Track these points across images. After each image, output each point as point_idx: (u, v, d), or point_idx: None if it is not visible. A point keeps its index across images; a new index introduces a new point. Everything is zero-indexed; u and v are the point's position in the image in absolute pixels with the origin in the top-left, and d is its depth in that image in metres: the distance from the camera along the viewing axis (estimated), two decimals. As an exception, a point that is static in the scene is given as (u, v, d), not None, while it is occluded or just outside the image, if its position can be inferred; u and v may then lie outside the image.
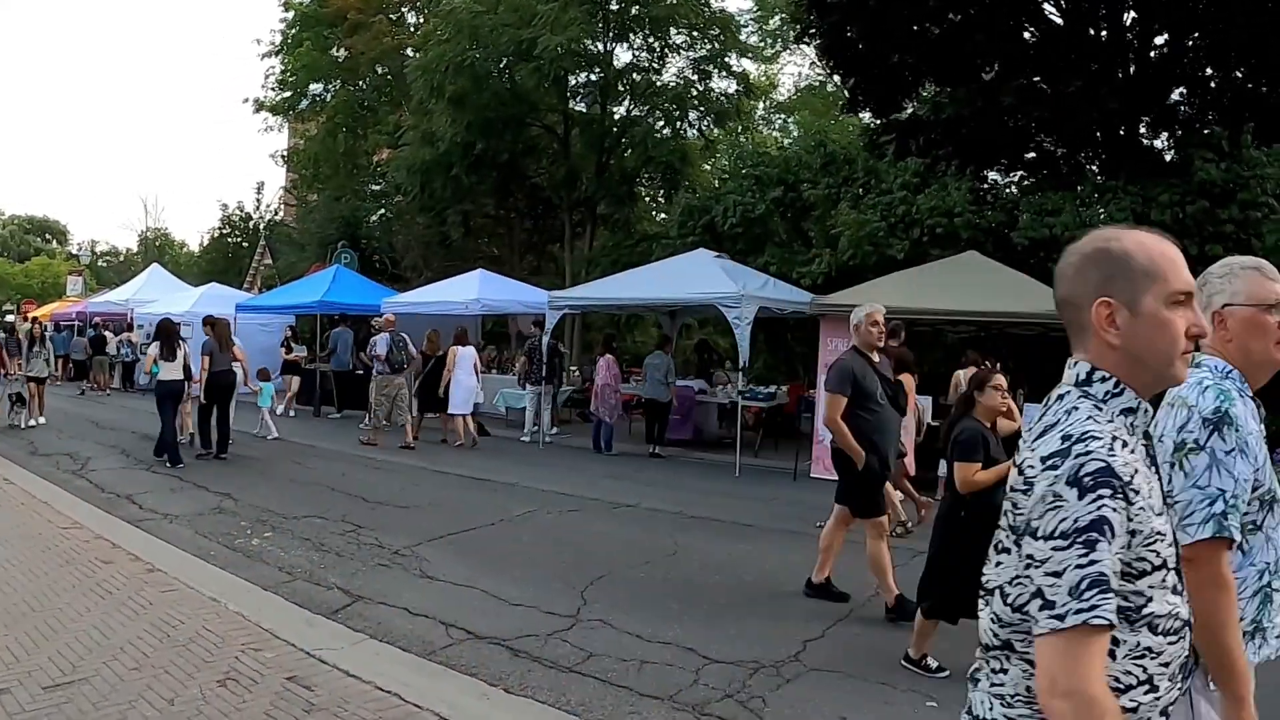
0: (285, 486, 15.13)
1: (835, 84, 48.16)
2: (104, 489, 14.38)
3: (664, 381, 20.22)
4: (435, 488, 15.57)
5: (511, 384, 24.52)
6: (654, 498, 14.93)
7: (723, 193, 25.96)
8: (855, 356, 9.01)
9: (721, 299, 18.19)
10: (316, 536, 11.61)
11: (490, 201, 35.52)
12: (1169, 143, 25.83)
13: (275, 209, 57.10)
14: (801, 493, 14.93)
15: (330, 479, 15.83)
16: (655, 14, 30.19)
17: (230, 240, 55.40)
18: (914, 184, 22.70)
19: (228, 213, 56.05)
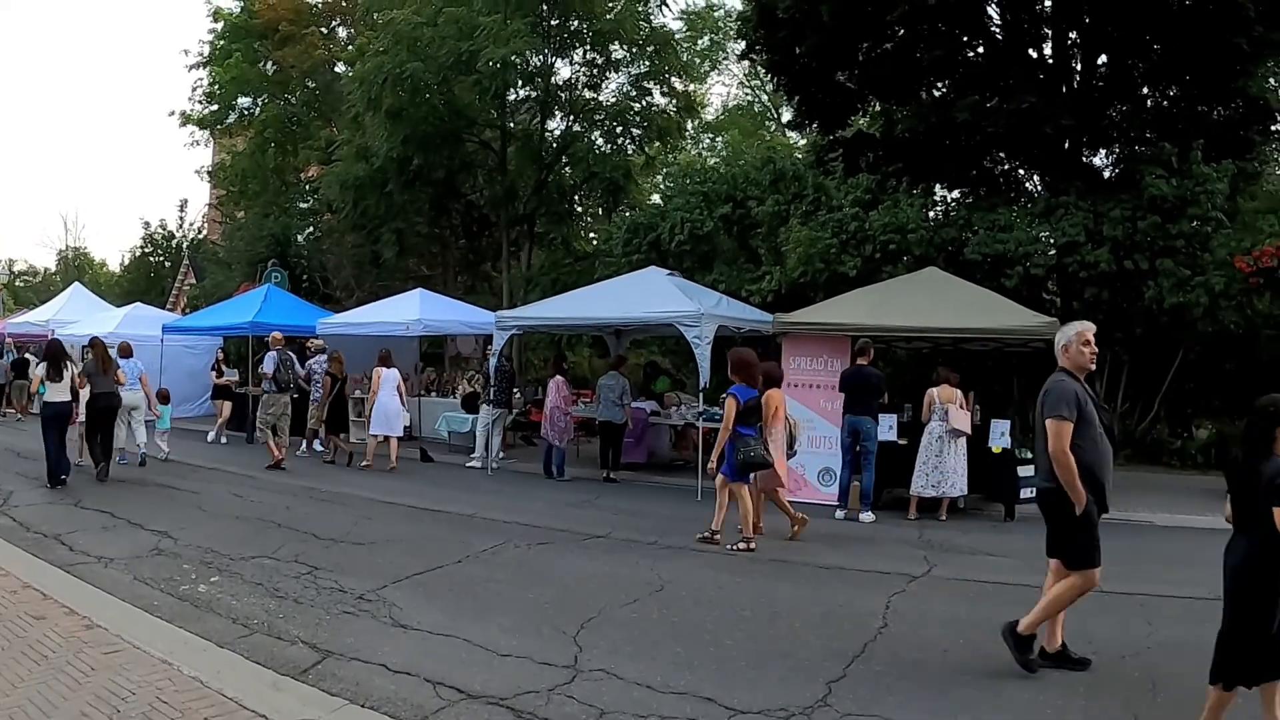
0: (228, 523, 13.84)
1: (763, 103, 48.17)
2: (29, 527, 13.03)
3: (619, 403, 19.27)
4: (390, 521, 14.41)
5: (453, 407, 23.40)
6: (624, 527, 14.11)
7: (669, 209, 25.08)
8: (1071, 379, 7.88)
9: (680, 318, 17.48)
10: (269, 580, 10.44)
11: (424, 219, 34.21)
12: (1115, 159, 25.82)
13: (199, 227, 55.41)
14: (769, 517, 13.94)
15: (275, 513, 14.58)
16: (597, 28, 29.11)
17: (153, 259, 53.58)
18: (865, 200, 22.22)
19: (150, 231, 54.38)
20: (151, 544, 12.19)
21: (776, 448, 13.02)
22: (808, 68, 25.92)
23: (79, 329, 30.40)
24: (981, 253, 21.04)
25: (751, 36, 26.84)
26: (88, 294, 38.00)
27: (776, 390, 13.41)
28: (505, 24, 26.75)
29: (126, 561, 11.21)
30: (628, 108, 29.73)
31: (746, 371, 12.83)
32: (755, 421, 12.77)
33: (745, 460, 12.48)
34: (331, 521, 13.99)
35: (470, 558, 11.90)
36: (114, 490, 16.12)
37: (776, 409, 13.18)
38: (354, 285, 33.99)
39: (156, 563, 11.23)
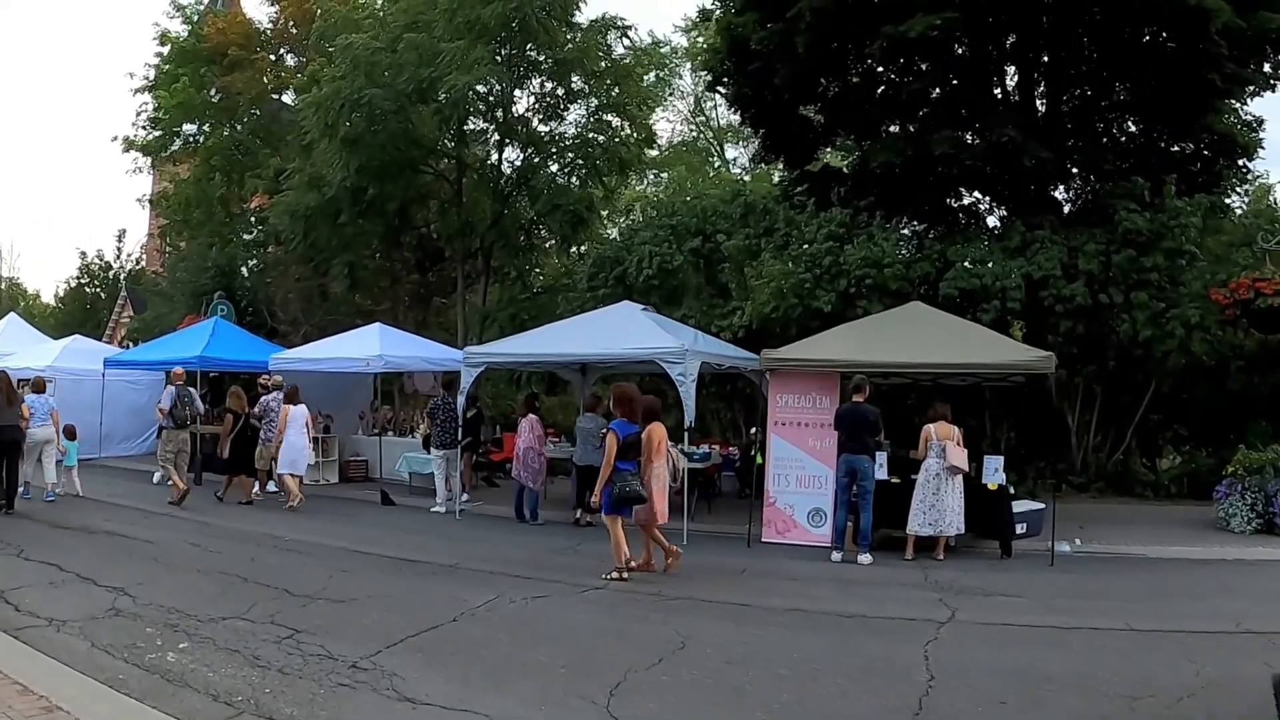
0: (189, 577, 12.47)
1: (707, 140, 47.39)
2: None
3: (598, 445, 17.81)
4: (367, 573, 13.14)
5: (414, 447, 22.10)
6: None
7: (635, 243, 23.97)
8: None
9: (663, 354, 16.64)
10: (247, 646, 9.16)
11: (374, 252, 32.84)
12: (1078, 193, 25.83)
13: (138, 258, 53.67)
14: (765, 560, 14.03)
15: (239, 565, 13.17)
16: (559, 57, 28.10)
17: (89, 290, 51.74)
18: (839, 235, 21.59)
19: (87, 261, 52.52)
20: (107, 603, 10.80)
21: (658, 481, 13.06)
22: (777, 101, 25.29)
23: (15, 361, 28.60)
24: (958, 287, 20.64)
25: (719, 69, 25.92)
26: (24, 325, 36.05)
27: (658, 425, 13.26)
28: (468, 51, 25.51)
29: (81, 624, 9.84)
30: (590, 140, 28.36)
31: (628, 406, 13.01)
32: (634, 457, 12.85)
33: (621, 494, 12.63)
34: (304, 575, 12.70)
35: (465, 615, 10.77)
36: (58, 539, 14.77)
37: (659, 443, 13.09)
38: (301, 320, 32.47)
39: (116, 626, 9.89)
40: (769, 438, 16.58)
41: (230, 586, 11.85)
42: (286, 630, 9.79)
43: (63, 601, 10.74)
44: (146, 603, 10.78)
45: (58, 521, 16.51)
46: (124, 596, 11.04)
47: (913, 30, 21.07)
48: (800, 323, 20.80)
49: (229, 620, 10.13)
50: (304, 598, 11.31)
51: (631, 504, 12.75)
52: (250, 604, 10.85)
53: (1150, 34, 22.41)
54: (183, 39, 37.93)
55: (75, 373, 26.79)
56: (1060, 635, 9.18)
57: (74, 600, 10.86)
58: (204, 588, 11.77)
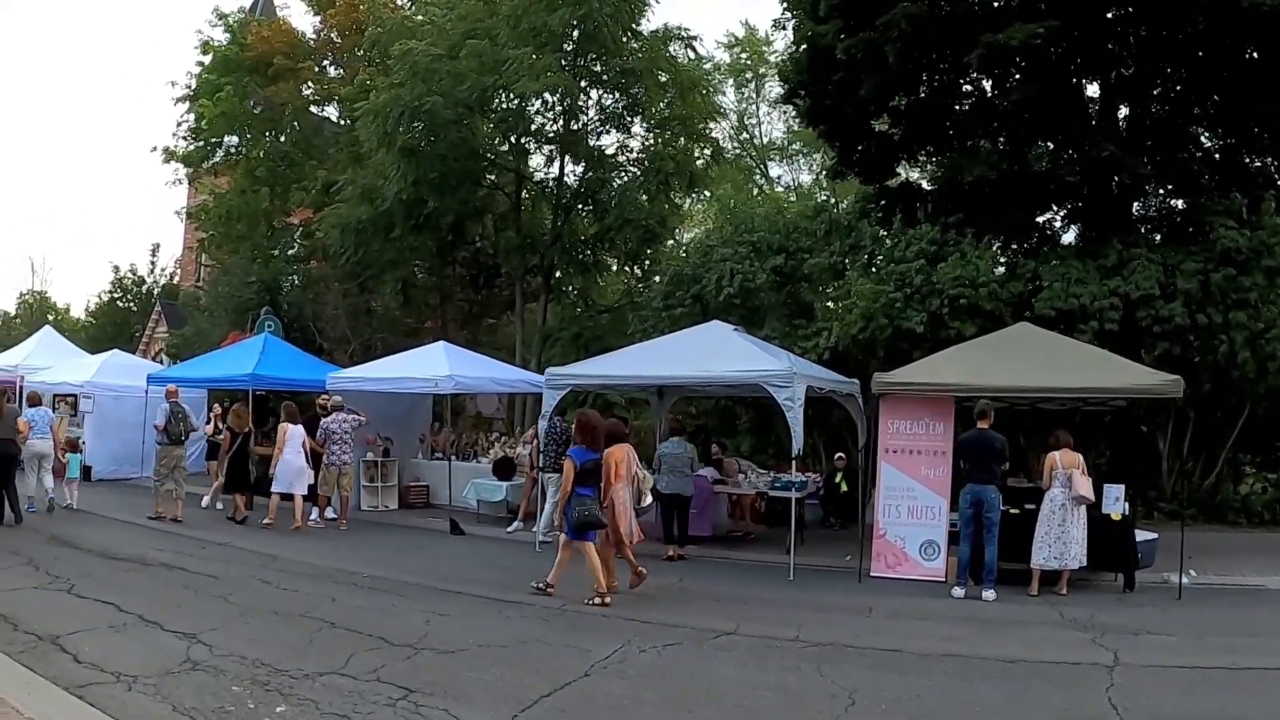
0: (267, 621, 11.03)
1: (751, 158, 46.10)
2: (15, 624, 10.14)
3: (687, 472, 16.90)
4: (466, 618, 11.69)
5: (482, 472, 20.57)
6: (744, 619, 11.79)
7: (714, 260, 22.49)
8: None
9: (770, 378, 15.30)
10: (357, 711, 7.79)
11: (426, 267, 31.36)
12: (1158, 208, 24.68)
13: (172, 272, 52.49)
14: (883, 597, 13.21)
15: (321, 607, 11.72)
16: (626, 67, 26.77)
17: (121, 305, 50.53)
18: (930, 252, 20.45)
19: (120, 275, 51.32)
20: (180, 653, 9.36)
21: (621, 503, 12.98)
22: (860, 113, 24.05)
23: (51, 375, 27.58)
24: (1054, 307, 19.59)
25: (796, 80, 24.42)
26: (58, 338, 34.65)
27: (619, 447, 13.18)
28: (535, 58, 24.07)
29: (155, 681, 8.41)
30: (663, 153, 26.83)
31: (590, 435, 13.06)
32: (594, 482, 12.85)
33: (580, 519, 12.62)
34: (397, 619, 11.28)
35: (597, 668, 9.42)
36: (111, 572, 13.41)
37: (617, 465, 13.00)
38: (349, 337, 30.99)
39: (196, 683, 8.46)
40: (879, 466, 15.43)
41: (318, 633, 10.42)
42: (399, 690, 8.41)
43: (129, 651, 9.35)
44: (225, 653, 9.37)
45: (108, 551, 15.16)
46: (198, 645, 9.63)
47: (1014, 38, 19.84)
48: (889, 344, 19.86)
49: (327, 676, 8.74)
50: (406, 647, 9.89)
51: (590, 528, 12.70)
52: (347, 655, 9.45)
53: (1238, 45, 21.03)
54: (225, 47, 36.75)
55: (114, 389, 25.49)
56: (1235, 677, 8.78)
57: (141, 649, 9.48)
58: (287, 635, 10.36)
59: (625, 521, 13.03)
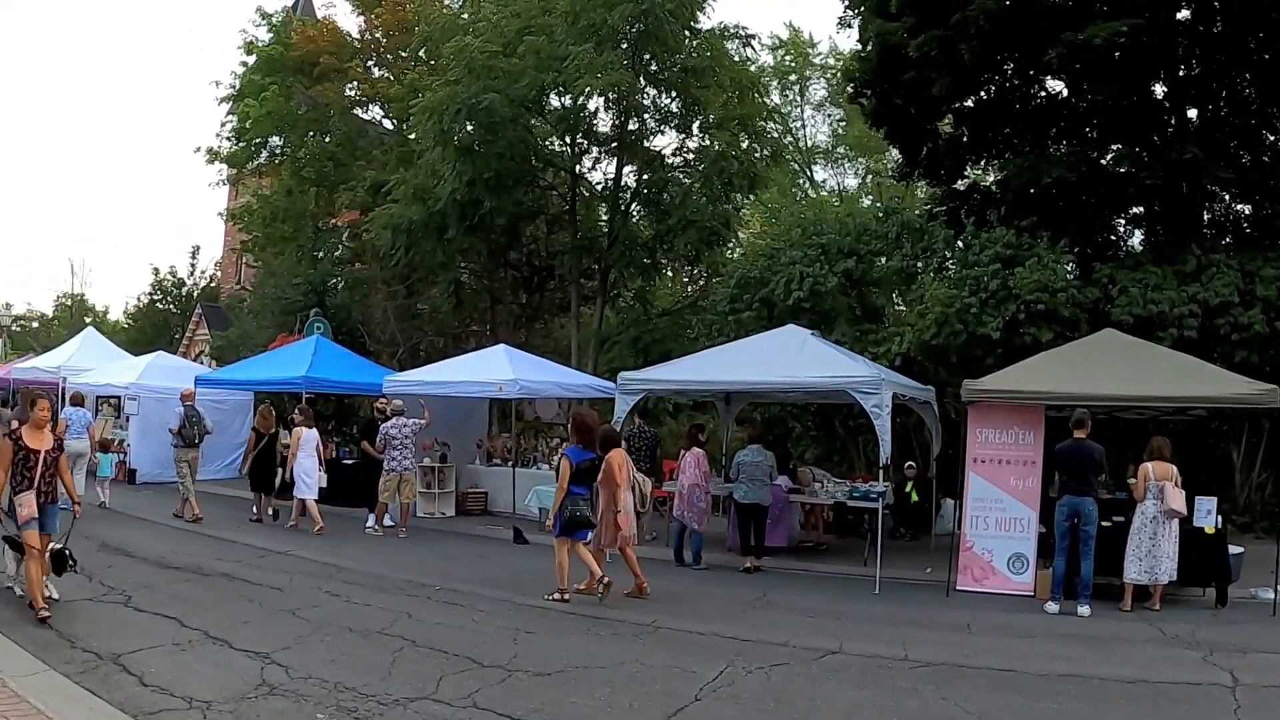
0: (343, 639, 10.31)
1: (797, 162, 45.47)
2: (73, 641, 9.49)
3: (766, 481, 16.30)
4: (555, 636, 10.99)
5: (545, 479, 19.90)
6: (838, 634, 11.34)
7: (781, 263, 21.79)
8: None
9: (857, 384, 14.97)
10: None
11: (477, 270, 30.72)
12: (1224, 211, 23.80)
13: (212, 275, 52.11)
14: (977, 612, 12.80)
15: (398, 623, 11.06)
16: (687, 65, 26.13)
17: (161, 307, 50.16)
18: (1005, 256, 19.69)
19: (159, 278, 50.95)
20: (255, 674, 8.71)
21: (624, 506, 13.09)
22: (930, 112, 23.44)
23: (95, 377, 27.21)
24: (1132, 313, 18.95)
25: (862, 79, 23.72)
26: (101, 340, 34.36)
27: (617, 451, 13.26)
28: (596, 55, 23.55)
29: (232, 707, 7.79)
30: (726, 153, 26.15)
31: (586, 435, 13.31)
32: (588, 482, 13.11)
33: (570, 518, 12.86)
34: (481, 637, 10.64)
35: (707, 692, 8.78)
36: (169, 582, 12.78)
37: (619, 468, 13.05)
38: (399, 340, 30.39)
39: (275, 710, 7.84)
40: (967, 476, 14.85)
41: (400, 653, 9.74)
42: (498, 718, 7.81)
43: (198, 672, 8.71)
44: (303, 675, 8.73)
45: (164, 559, 14.58)
46: (272, 666, 9.00)
47: (1097, 36, 19.09)
48: (963, 350, 19.27)
49: (419, 702, 8.12)
50: (497, 669, 9.24)
51: (580, 528, 12.97)
52: (436, 677, 8.83)
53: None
54: (269, 46, 36.31)
55: (159, 391, 24.81)
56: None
57: (211, 670, 8.84)
58: (368, 654, 9.70)
59: (628, 524, 13.17)
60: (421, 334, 31.36)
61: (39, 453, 10.50)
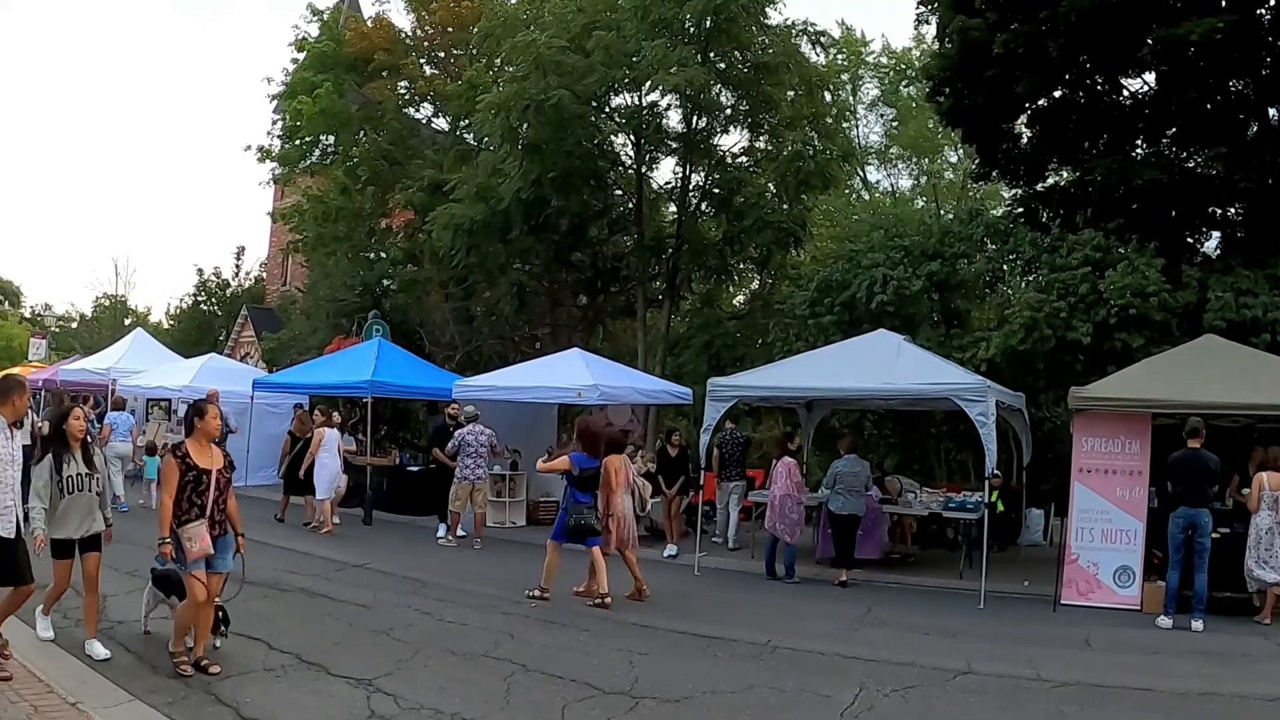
0: (447, 663, 9.89)
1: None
2: (154, 665, 9.10)
3: (862, 492, 16.11)
4: (669, 657, 10.63)
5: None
6: (961, 653, 11.08)
7: (863, 265, 21.37)
8: None
9: (961, 390, 14.71)
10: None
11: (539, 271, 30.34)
12: None
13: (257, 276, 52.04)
14: (1092, 627, 12.57)
15: (501, 645, 10.63)
16: (761, 60, 25.72)
17: (205, 309, 50.06)
18: (1095, 259, 19.21)
19: (204, 279, 50.91)
20: (360, 705, 8.34)
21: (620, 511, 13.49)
22: (1007, 113, 22.91)
23: (146, 380, 27.01)
24: (1225, 318, 18.26)
25: (940, 77, 23.27)
26: (150, 341, 34.21)
27: (615, 456, 13.69)
28: (669, 51, 23.28)
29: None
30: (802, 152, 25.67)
31: (590, 440, 13.68)
32: (593, 489, 13.41)
33: (575, 525, 13.23)
34: (593, 659, 10.26)
35: (847, 717, 8.58)
36: (246, 599, 11.85)
37: (616, 472, 13.51)
38: (458, 344, 30.07)
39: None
40: (1072, 486, 14.67)
41: (512, 678, 9.36)
42: None
43: (299, 703, 8.37)
44: (414, 704, 8.39)
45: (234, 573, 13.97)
46: (379, 695, 8.62)
47: (1193, 32, 18.55)
48: (1051, 356, 18.85)
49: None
50: (621, 696, 8.94)
51: (584, 534, 13.25)
52: (558, 706, 8.53)
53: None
54: (320, 43, 36.08)
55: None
56: None
57: (313, 700, 8.46)
58: (478, 680, 9.32)
59: (626, 527, 13.57)
60: (481, 337, 30.92)
61: (210, 473, 8.97)
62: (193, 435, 9.12)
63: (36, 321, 75.35)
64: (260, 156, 38.20)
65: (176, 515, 8.77)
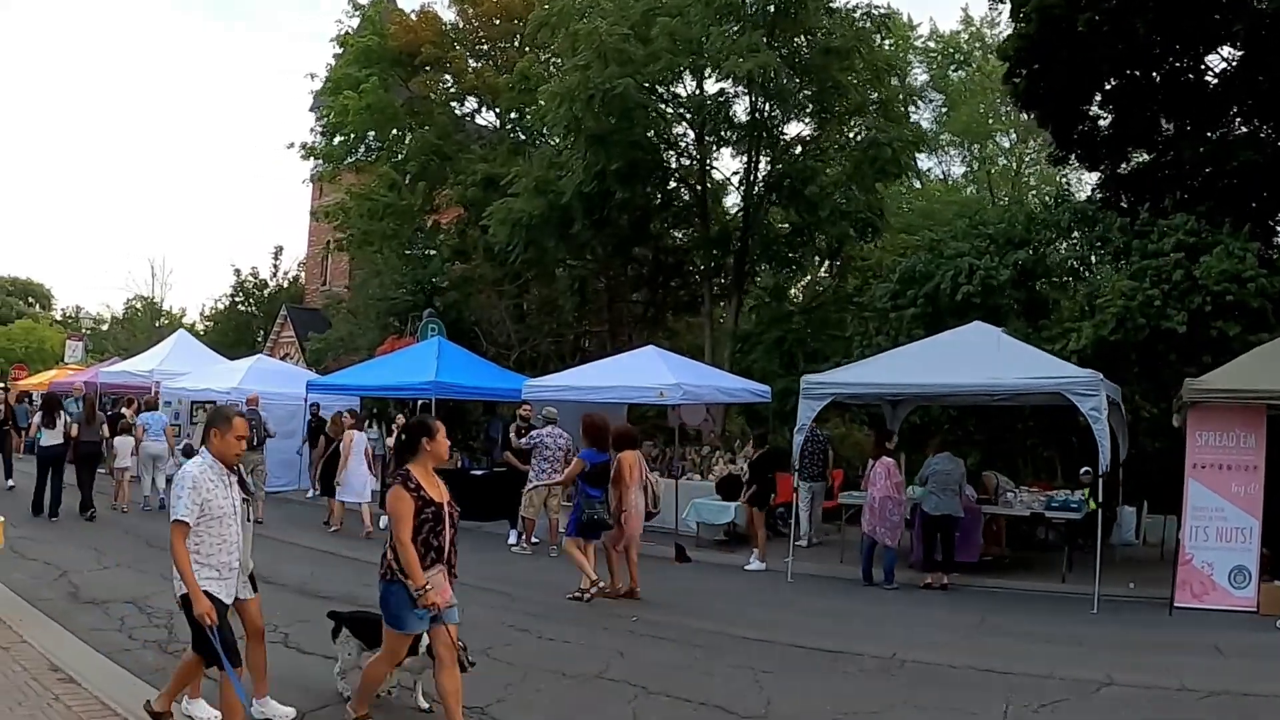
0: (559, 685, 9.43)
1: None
2: None
3: (956, 491, 15.64)
4: (791, 674, 10.15)
5: (702, 490, 19.16)
6: (1093, 662, 10.69)
7: (947, 255, 20.97)
8: None
9: (1073, 385, 14.40)
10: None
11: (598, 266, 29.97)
12: None
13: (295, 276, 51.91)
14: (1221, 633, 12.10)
15: (613, 665, 10.12)
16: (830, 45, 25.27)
17: (243, 310, 49.99)
18: (1188, 244, 18.64)
19: (241, 279, 50.76)
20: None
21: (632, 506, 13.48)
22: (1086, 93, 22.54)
23: (191, 382, 26.77)
24: None
25: (1016, 57, 22.78)
26: (193, 342, 34.12)
27: (629, 452, 13.73)
28: (738, 37, 22.90)
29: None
30: (879, 139, 25.21)
31: (596, 434, 13.79)
32: (603, 484, 13.59)
33: (587, 520, 13.46)
34: (718, 680, 9.76)
35: None
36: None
37: (630, 470, 13.53)
38: (515, 342, 29.75)
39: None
40: (1186, 483, 14.15)
41: (635, 702, 8.89)
42: None
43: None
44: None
45: (308, 587, 13.69)
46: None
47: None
48: (1144, 347, 18.24)
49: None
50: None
51: (598, 529, 13.54)
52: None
53: None
54: (364, 37, 35.77)
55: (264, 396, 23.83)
56: None
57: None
58: (600, 705, 8.88)
59: (636, 525, 13.63)
60: (539, 335, 30.59)
61: (442, 506, 7.33)
62: (417, 459, 7.42)
63: (68, 324, 75.74)
64: (304, 154, 38.12)
65: None
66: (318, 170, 39.60)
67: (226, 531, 7.04)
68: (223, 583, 7.04)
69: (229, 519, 7.05)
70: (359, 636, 8.37)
